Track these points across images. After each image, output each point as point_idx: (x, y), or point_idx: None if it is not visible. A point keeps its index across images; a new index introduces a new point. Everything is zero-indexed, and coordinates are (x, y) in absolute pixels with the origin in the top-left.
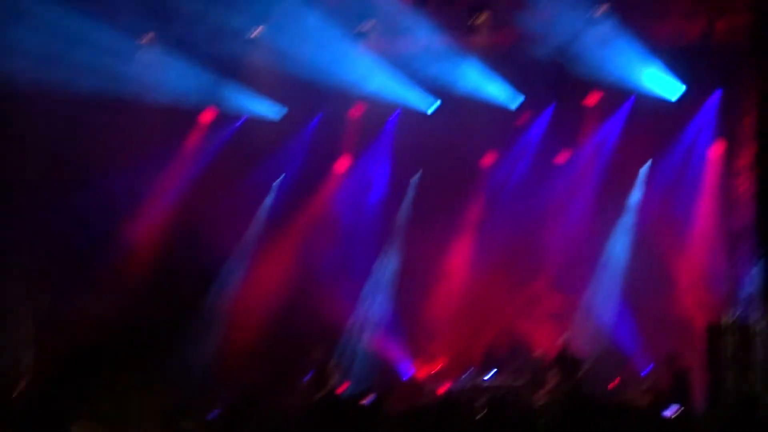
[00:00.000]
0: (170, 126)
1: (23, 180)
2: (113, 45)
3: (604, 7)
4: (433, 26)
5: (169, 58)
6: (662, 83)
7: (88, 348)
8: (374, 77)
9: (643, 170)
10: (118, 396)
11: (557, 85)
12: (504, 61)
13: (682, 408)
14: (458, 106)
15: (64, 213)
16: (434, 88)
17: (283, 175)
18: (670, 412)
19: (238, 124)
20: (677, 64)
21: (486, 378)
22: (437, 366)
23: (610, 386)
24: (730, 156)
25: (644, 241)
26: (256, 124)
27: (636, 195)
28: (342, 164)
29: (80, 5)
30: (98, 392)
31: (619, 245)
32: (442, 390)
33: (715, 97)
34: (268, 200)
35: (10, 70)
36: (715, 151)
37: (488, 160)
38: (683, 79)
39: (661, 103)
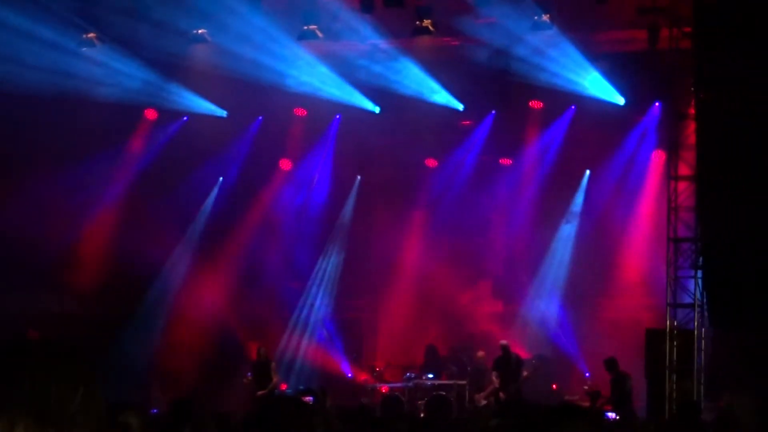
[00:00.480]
0: (114, 123)
1: None
2: (57, 41)
3: (547, 15)
4: (378, 29)
5: (113, 55)
6: (605, 90)
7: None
8: (317, 79)
9: (585, 177)
10: (56, 388)
11: (500, 90)
12: (448, 65)
13: (623, 412)
14: (401, 109)
15: (6, 210)
16: (377, 91)
17: (221, 178)
18: (612, 414)
19: (180, 123)
20: (620, 72)
21: (428, 378)
22: (379, 365)
23: (554, 387)
24: (671, 164)
25: (586, 246)
26: (199, 123)
27: (578, 201)
28: (284, 165)
29: (22, 1)
30: (32, 384)
31: (561, 250)
32: (384, 389)
33: (656, 106)
34: (210, 199)
35: None
36: (657, 158)
37: (431, 162)
38: (626, 86)
39: (603, 110)
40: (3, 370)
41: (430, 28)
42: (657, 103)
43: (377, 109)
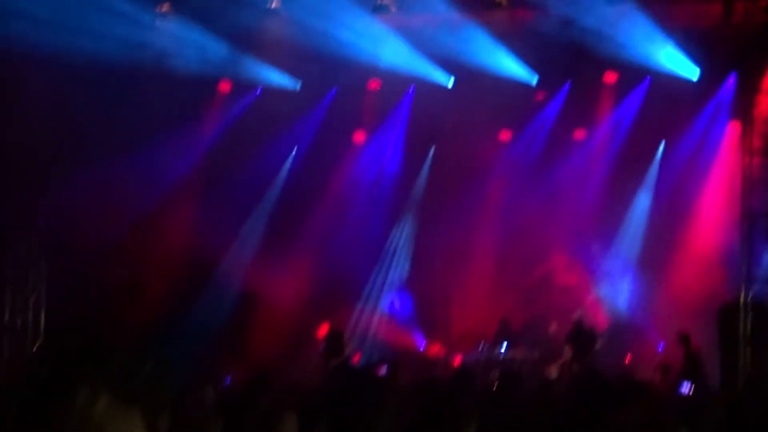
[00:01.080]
0: (187, 96)
1: (40, 150)
2: (130, 12)
3: None
4: (451, 2)
5: (186, 27)
6: (679, 64)
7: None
8: (390, 52)
9: (660, 149)
10: (134, 362)
11: (574, 63)
12: (521, 38)
13: (695, 386)
14: (475, 82)
15: (82, 184)
16: (451, 64)
17: (294, 151)
18: (685, 389)
19: (253, 95)
20: (694, 45)
21: (500, 351)
22: (452, 338)
23: (627, 361)
24: (745, 137)
25: (660, 220)
26: (272, 95)
27: (652, 174)
28: (357, 137)
29: None
30: (113, 356)
31: (635, 223)
32: (456, 362)
33: (731, 79)
34: (283, 172)
35: (26, 37)
36: (731, 131)
37: (505, 135)
38: (700, 59)
39: (677, 84)
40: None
41: (503, 2)
42: (732, 77)
43: (451, 82)
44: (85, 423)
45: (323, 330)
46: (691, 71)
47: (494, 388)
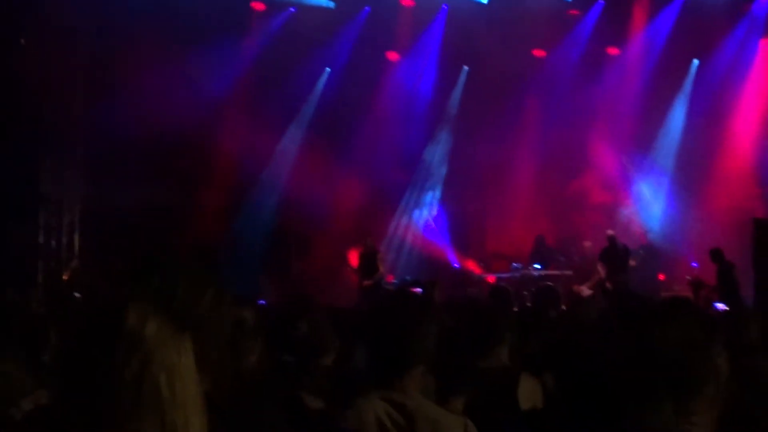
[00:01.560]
0: (220, 15)
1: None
2: None
3: None
4: None
5: None
6: None
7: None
8: None
9: (693, 66)
10: (185, 289)
11: None
12: None
13: (730, 302)
14: (509, 0)
15: (112, 102)
16: None
17: (328, 69)
18: (719, 306)
19: (287, 14)
20: None
21: (535, 269)
22: (487, 256)
23: (661, 277)
24: None
25: (694, 136)
26: (306, 14)
27: (686, 91)
28: (391, 56)
29: None
30: (162, 284)
31: (669, 140)
32: (491, 279)
33: None
34: (317, 91)
35: None
36: (765, 48)
37: (539, 53)
38: None
39: (710, 0)
40: (134, 270)
41: None
42: None
43: (485, 0)
44: (134, 347)
45: (357, 250)
46: None
47: (529, 305)
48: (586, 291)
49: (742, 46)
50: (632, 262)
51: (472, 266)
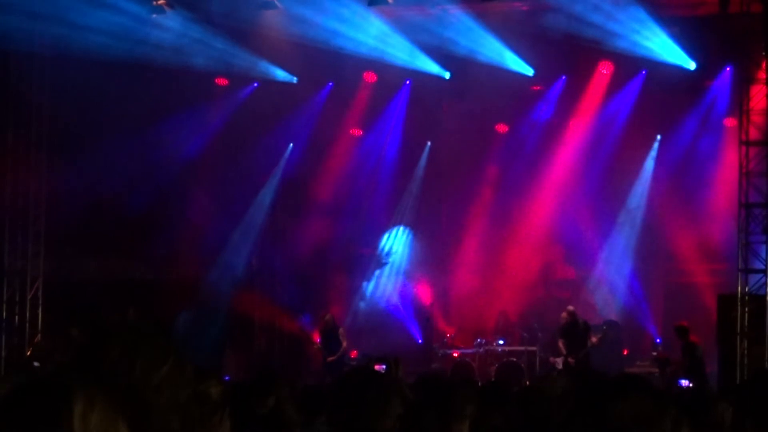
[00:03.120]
0: (184, 90)
1: (34, 142)
2: (126, 7)
3: None
4: None
5: (183, 22)
6: (675, 54)
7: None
8: (387, 45)
9: (656, 142)
10: (141, 362)
11: (570, 54)
12: (517, 30)
13: (695, 378)
14: (472, 75)
15: (77, 176)
16: (448, 56)
17: (291, 144)
18: (684, 382)
19: (250, 89)
20: (690, 36)
21: (499, 343)
22: (450, 331)
23: (624, 352)
24: (741, 128)
25: (657, 212)
26: (269, 89)
27: (648, 166)
28: (354, 131)
29: None
30: (118, 359)
31: (632, 215)
32: (455, 354)
33: (727, 70)
34: (280, 166)
35: (24, 31)
36: (728, 123)
37: (502, 128)
38: (696, 50)
39: (673, 74)
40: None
41: None
42: (728, 68)
43: (447, 75)
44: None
45: (321, 325)
46: (687, 62)
47: (493, 379)
48: (559, 363)
49: (705, 121)
50: (594, 339)
51: (436, 341)
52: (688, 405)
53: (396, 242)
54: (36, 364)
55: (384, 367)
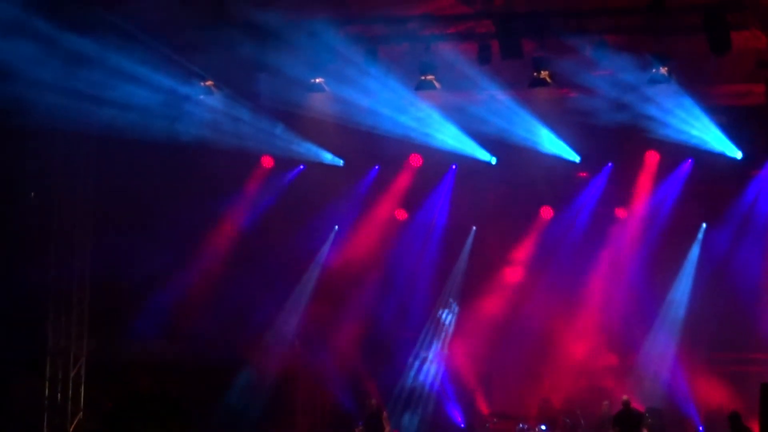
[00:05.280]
0: (231, 170)
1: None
2: (175, 88)
3: (665, 67)
4: (495, 80)
5: (230, 103)
6: (722, 144)
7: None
8: (433, 129)
9: (701, 230)
10: None
11: (617, 142)
12: (565, 116)
13: None
14: (518, 160)
15: (119, 252)
16: (494, 141)
17: (337, 227)
18: None
19: (297, 171)
20: (737, 126)
21: (541, 430)
22: (493, 416)
23: None
24: None
25: (703, 300)
26: (316, 171)
27: (693, 254)
28: (400, 214)
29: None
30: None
31: (677, 303)
32: None
33: None
34: (325, 248)
35: (71, 110)
36: None
37: (547, 213)
38: (743, 140)
39: (720, 163)
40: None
41: (548, 79)
42: None
43: (494, 160)
44: None
45: (366, 409)
46: (733, 151)
47: None
48: None
49: (752, 210)
50: (645, 430)
51: (479, 425)
52: None
53: (441, 324)
54: None
55: None
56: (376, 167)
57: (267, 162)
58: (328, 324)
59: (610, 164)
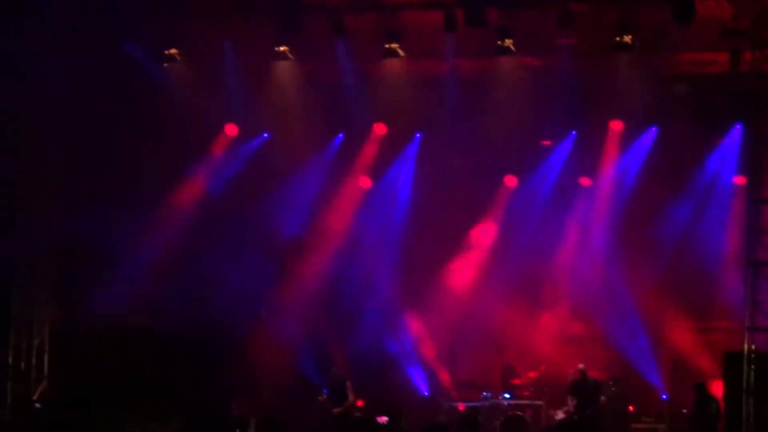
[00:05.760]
0: (195, 140)
1: (44, 185)
2: (139, 56)
3: (629, 36)
4: (459, 48)
5: (194, 71)
6: (685, 112)
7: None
8: (398, 97)
9: (666, 200)
10: (133, 419)
11: (581, 111)
12: (528, 85)
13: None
14: (482, 128)
15: (87, 220)
16: (458, 110)
17: (301, 195)
18: None
19: (260, 139)
20: (701, 94)
21: (505, 397)
22: (456, 384)
23: (630, 408)
24: (751, 186)
25: (666, 269)
26: (279, 140)
27: (657, 223)
28: (364, 182)
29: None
30: (110, 414)
31: (641, 272)
32: (461, 407)
33: (737, 128)
34: (289, 217)
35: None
36: (738, 182)
37: (511, 181)
38: (707, 109)
39: (683, 132)
40: (80, 398)
41: (512, 48)
42: (738, 125)
43: (457, 128)
44: None
45: (329, 377)
46: (697, 120)
47: None
48: (559, 415)
49: (716, 179)
50: (603, 398)
51: (442, 393)
52: None
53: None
54: (38, 405)
55: (387, 419)
56: (341, 135)
57: (231, 130)
58: (293, 292)
59: (573, 132)
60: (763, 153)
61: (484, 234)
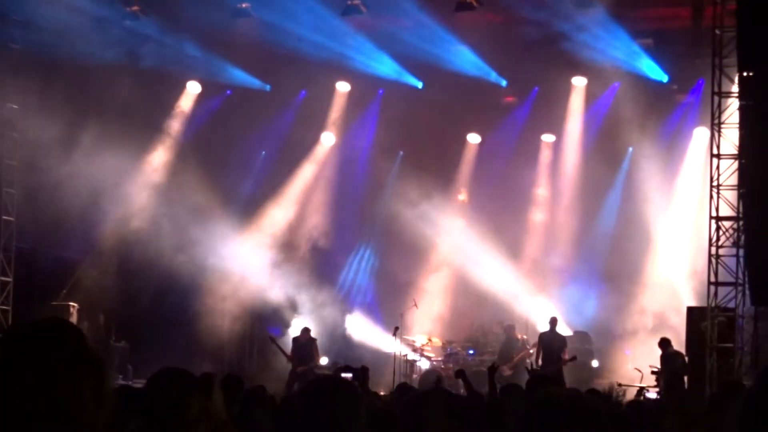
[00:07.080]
0: (157, 96)
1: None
2: (100, 13)
3: None
4: (421, 5)
5: (156, 28)
6: (648, 68)
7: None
8: (361, 54)
9: (628, 154)
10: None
11: (544, 67)
12: (491, 41)
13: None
14: (445, 85)
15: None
16: (421, 66)
17: (264, 152)
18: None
19: (223, 96)
20: (663, 49)
21: (468, 353)
22: (419, 340)
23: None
24: (713, 142)
25: (628, 224)
26: (242, 97)
27: (620, 178)
28: (327, 139)
29: None
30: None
31: (603, 227)
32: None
33: (699, 83)
34: (252, 174)
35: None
36: (700, 136)
37: (474, 138)
38: (669, 64)
39: (646, 87)
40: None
41: (474, 3)
42: (700, 81)
43: (420, 85)
44: None
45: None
46: (660, 75)
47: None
48: (507, 371)
49: (678, 133)
50: (566, 356)
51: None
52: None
53: (367, 252)
54: None
55: (351, 375)
56: (303, 92)
57: (193, 87)
58: (256, 247)
59: (536, 88)
60: (725, 108)
61: (447, 194)
